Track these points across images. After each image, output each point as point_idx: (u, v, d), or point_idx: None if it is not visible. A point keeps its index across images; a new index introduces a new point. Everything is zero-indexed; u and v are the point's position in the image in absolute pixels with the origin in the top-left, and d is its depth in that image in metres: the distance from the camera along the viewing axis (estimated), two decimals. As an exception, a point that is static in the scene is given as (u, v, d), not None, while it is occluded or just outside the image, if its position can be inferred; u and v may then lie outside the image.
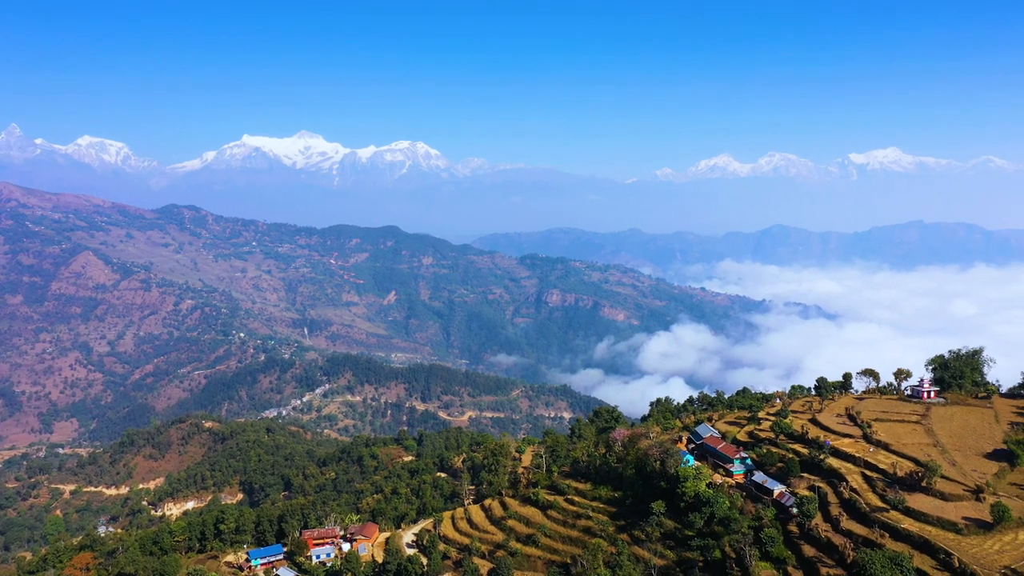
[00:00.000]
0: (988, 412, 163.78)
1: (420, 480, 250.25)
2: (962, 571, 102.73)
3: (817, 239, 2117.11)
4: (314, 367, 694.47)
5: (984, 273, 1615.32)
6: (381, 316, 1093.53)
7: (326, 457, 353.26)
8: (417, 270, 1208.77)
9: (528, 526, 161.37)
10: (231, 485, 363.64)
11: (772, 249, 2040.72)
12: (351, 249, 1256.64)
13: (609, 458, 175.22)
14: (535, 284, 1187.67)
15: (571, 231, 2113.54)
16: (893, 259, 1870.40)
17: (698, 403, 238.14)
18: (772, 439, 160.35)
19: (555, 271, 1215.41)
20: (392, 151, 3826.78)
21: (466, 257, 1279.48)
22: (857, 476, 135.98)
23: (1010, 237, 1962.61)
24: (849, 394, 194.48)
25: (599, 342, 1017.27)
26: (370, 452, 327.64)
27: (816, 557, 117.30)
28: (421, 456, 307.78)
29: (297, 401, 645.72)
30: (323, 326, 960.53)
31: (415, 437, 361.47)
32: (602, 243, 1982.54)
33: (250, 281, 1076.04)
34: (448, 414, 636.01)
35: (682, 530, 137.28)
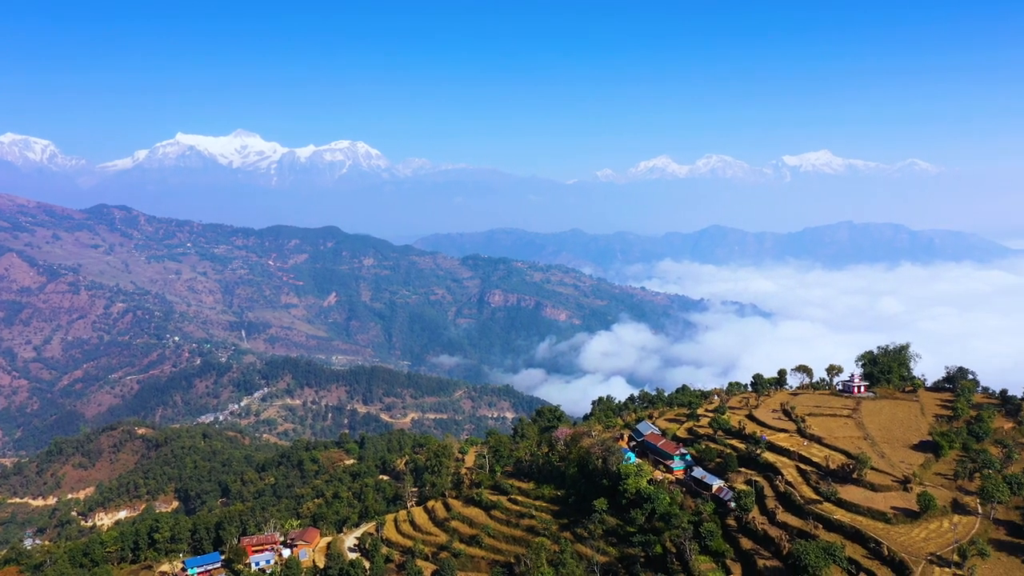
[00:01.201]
0: (915, 405, 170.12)
1: (362, 483, 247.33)
2: (891, 559, 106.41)
3: (753, 239, 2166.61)
4: (252, 370, 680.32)
5: (910, 272, 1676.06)
6: (321, 318, 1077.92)
7: (265, 462, 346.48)
8: (358, 271, 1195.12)
9: (472, 527, 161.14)
10: (166, 493, 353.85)
11: (710, 249, 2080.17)
12: (290, 250, 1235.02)
13: (552, 457, 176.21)
14: (477, 284, 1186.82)
15: (513, 231, 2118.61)
16: (825, 258, 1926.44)
17: (639, 401, 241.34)
18: (711, 435, 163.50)
19: (497, 271, 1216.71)
20: (332, 151, 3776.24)
21: (408, 258, 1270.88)
22: (792, 469, 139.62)
23: (934, 237, 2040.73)
24: (784, 390, 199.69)
25: (541, 342, 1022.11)
26: (311, 456, 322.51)
27: (753, 549, 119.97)
28: (363, 459, 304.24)
29: (235, 406, 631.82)
30: (261, 328, 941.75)
31: (356, 440, 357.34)
32: (544, 243, 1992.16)
33: (185, 283, 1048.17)
34: (390, 416, 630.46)
35: (624, 526, 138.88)
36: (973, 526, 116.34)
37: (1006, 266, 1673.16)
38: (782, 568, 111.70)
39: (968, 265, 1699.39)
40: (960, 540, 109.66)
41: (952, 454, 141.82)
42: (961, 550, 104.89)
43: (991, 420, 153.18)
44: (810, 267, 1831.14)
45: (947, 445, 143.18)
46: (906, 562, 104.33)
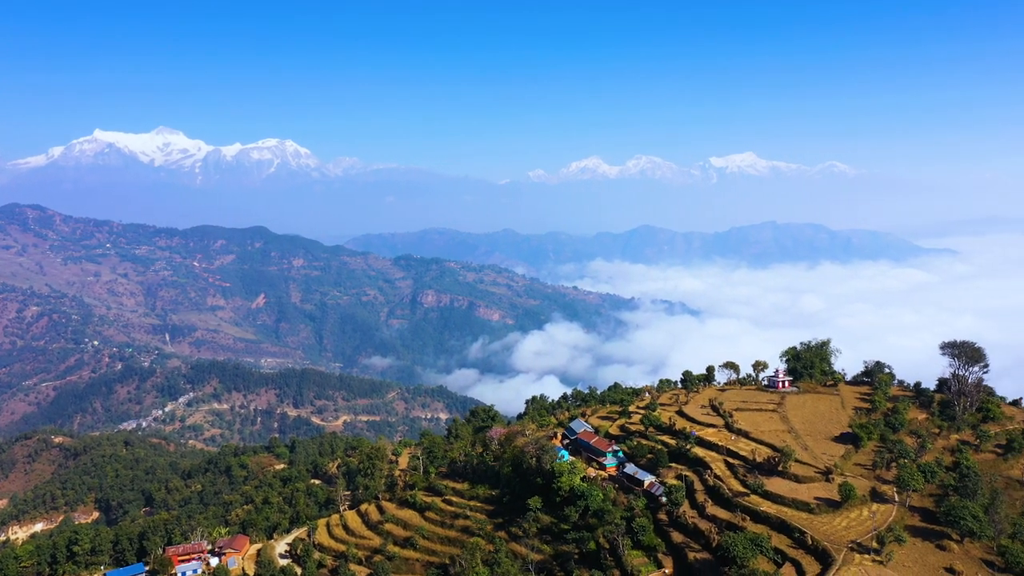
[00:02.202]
0: (835, 399, 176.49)
1: (293, 488, 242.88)
2: (815, 548, 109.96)
3: (681, 239, 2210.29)
4: (177, 375, 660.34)
5: (830, 270, 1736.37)
6: (249, 320, 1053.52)
7: (191, 469, 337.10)
8: (287, 272, 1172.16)
9: (406, 529, 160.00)
10: (85, 504, 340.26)
11: (640, 249, 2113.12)
12: (216, 251, 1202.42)
13: (486, 457, 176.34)
14: (410, 285, 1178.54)
15: (446, 232, 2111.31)
16: (750, 257, 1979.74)
17: (572, 399, 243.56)
18: (642, 432, 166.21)
19: (430, 272, 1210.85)
20: (259, 149, 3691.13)
21: (339, 258, 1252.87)
22: (720, 463, 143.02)
23: (852, 236, 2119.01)
24: (712, 386, 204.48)
25: (475, 342, 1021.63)
26: (239, 462, 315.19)
27: (684, 543, 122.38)
28: (294, 463, 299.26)
29: (158, 412, 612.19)
30: (186, 332, 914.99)
31: (287, 444, 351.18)
32: (477, 243, 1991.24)
33: (104, 286, 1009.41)
34: (322, 419, 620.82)
35: (558, 524, 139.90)
36: (890, 514, 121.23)
37: (919, 264, 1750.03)
38: (712, 560, 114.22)
39: (884, 264, 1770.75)
40: (878, 527, 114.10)
41: (871, 445, 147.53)
42: (879, 537, 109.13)
43: (906, 412, 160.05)
44: (736, 266, 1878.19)
45: (866, 436, 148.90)
46: (828, 550, 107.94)
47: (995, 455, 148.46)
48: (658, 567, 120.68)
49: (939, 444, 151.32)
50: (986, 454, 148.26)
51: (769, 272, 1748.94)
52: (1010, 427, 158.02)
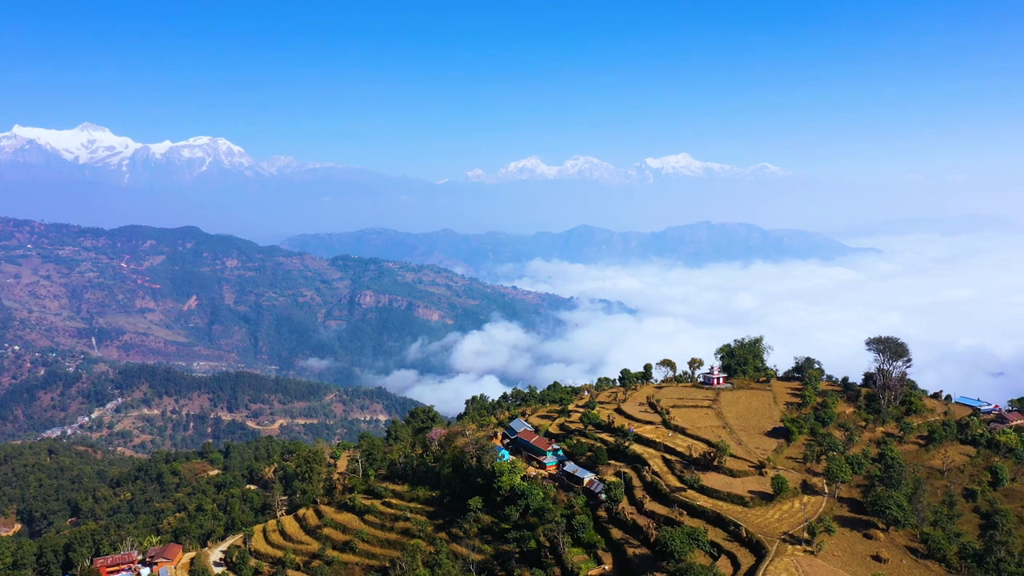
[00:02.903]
0: (768, 394, 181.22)
1: (228, 494, 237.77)
2: (749, 540, 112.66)
3: (619, 238, 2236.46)
4: (104, 380, 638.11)
5: (762, 269, 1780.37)
6: (181, 323, 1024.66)
7: (120, 477, 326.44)
8: (220, 273, 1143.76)
9: (345, 533, 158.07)
10: (6, 516, 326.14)
11: (578, 248, 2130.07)
12: (145, 251, 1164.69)
13: (426, 458, 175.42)
14: (348, 286, 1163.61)
15: (384, 231, 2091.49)
16: (686, 257, 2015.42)
17: (512, 399, 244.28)
18: (582, 430, 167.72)
19: (368, 272, 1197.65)
20: (190, 147, 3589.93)
21: (274, 259, 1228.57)
22: (658, 460, 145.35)
23: (783, 236, 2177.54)
24: (650, 383, 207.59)
25: (414, 342, 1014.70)
26: (171, 468, 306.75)
27: (623, 539, 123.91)
28: (228, 469, 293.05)
29: (85, 418, 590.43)
30: (114, 335, 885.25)
31: (221, 449, 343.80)
32: (415, 243, 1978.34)
33: (25, 288, 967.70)
34: (257, 423, 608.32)
35: (499, 524, 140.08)
36: (821, 505, 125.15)
37: (846, 263, 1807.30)
38: (650, 555, 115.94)
39: (814, 262, 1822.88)
40: (809, 519, 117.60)
41: (801, 438, 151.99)
42: (810, 528, 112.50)
43: (835, 406, 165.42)
44: (672, 265, 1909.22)
45: (797, 430, 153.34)
46: (762, 542, 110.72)
47: (918, 446, 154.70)
48: (598, 563, 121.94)
49: (866, 436, 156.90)
50: (909, 445, 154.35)
51: (704, 271, 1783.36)
52: (931, 419, 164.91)
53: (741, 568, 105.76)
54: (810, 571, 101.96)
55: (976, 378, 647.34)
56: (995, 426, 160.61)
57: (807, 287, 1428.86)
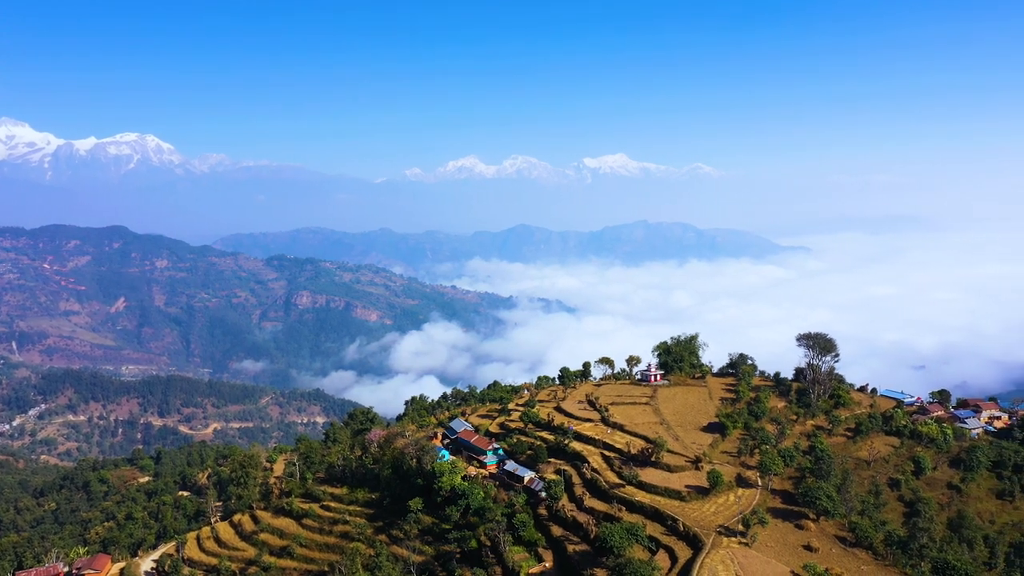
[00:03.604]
0: (703, 390, 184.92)
1: (159, 501, 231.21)
2: (686, 534, 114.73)
3: (557, 238, 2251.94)
4: (26, 386, 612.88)
5: (697, 267, 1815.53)
6: (108, 325, 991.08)
7: (44, 486, 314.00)
8: (150, 274, 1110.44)
9: (282, 538, 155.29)
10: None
11: (517, 247, 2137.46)
12: (69, 252, 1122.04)
13: (366, 460, 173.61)
14: (284, 286, 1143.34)
15: (320, 231, 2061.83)
16: (623, 256, 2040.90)
17: (452, 399, 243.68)
18: (522, 428, 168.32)
19: (305, 272, 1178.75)
20: (117, 144, 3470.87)
21: (207, 259, 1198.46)
22: (597, 457, 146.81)
23: (717, 235, 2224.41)
24: (589, 381, 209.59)
25: (352, 343, 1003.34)
26: (99, 476, 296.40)
27: (564, 536, 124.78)
28: (160, 475, 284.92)
29: (5, 426, 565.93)
30: (36, 339, 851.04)
31: (152, 455, 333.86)
32: (353, 243, 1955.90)
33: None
34: (190, 428, 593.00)
35: (439, 524, 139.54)
36: (754, 497, 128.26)
37: (777, 261, 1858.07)
38: (590, 551, 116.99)
39: (746, 261, 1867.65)
40: (744, 511, 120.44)
41: (736, 433, 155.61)
42: (745, 520, 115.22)
43: (767, 400, 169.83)
44: (610, 264, 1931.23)
45: (731, 425, 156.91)
46: (699, 535, 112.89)
47: (846, 438, 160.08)
48: (538, 561, 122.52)
49: (797, 430, 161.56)
50: (838, 437, 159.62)
51: (641, 270, 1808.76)
52: (858, 412, 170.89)
53: (679, 561, 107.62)
54: (745, 562, 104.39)
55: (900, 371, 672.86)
56: (917, 417, 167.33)
57: (740, 285, 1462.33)
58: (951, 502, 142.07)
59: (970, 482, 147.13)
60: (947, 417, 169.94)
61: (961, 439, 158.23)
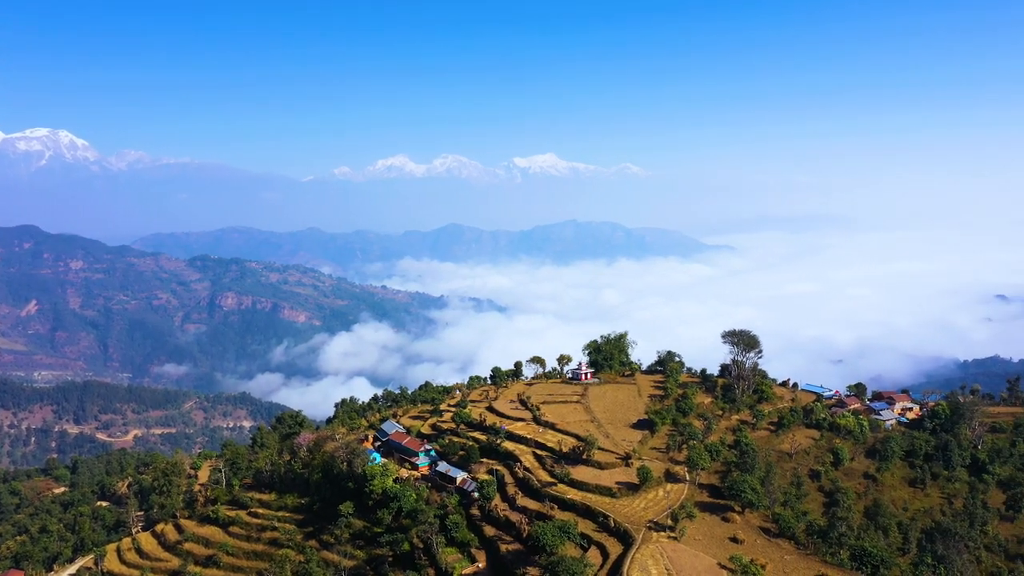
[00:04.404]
0: (633, 388, 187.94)
1: (76, 513, 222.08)
2: (617, 530, 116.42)
3: (488, 237, 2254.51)
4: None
5: (626, 266, 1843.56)
6: (19, 329, 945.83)
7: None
8: (64, 275, 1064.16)
9: (208, 547, 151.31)
10: None
11: (448, 247, 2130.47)
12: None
13: (295, 464, 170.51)
14: (207, 287, 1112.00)
15: (246, 230, 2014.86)
16: (553, 255, 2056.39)
17: (383, 400, 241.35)
18: (454, 429, 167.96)
19: (230, 273, 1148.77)
20: (27, 139, 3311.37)
21: (125, 259, 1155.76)
22: (529, 456, 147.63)
23: (645, 234, 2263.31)
24: (521, 381, 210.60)
25: (279, 345, 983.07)
26: (10, 488, 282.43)
27: (496, 536, 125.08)
28: (76, 486, 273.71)
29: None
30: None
31: (68, 465, 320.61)
32: (280, 242, 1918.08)
33: None
34: (109, 435, 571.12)
35: (371, 528, 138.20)
36: (683, 492, 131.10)
37: (703, 259, 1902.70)
38: (523, 550, 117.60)
39: (673, 259, 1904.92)
40: (673, 506, 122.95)
41: (664, 429, 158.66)
42: (673, 515, 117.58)
43: (694, 397, 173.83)
44: (541, 263, 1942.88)
45: (660, 421, 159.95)
46: (629, 531, 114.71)
47: (769, 432, 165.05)
48: (471, 562, 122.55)
49: (722, 425, 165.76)
50: (761, 431, 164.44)
51: (571, 268, 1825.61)
52: (780, 406, 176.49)
53: (610, 557, 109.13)
54: (674, 556, 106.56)
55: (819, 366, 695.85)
56: (836, 410, 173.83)
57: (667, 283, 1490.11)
58: (867, 491, 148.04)
59: (885, 471, 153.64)
60: (863, 409, 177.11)
61: (876, 430, 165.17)
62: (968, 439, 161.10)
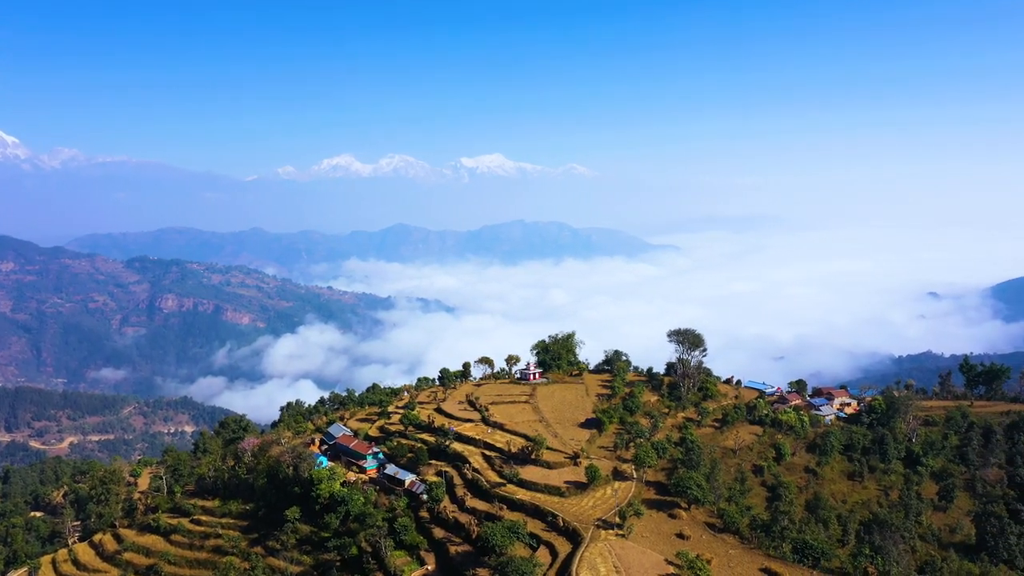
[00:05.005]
0: (580, 387, 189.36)
1: (8, 524, 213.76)
2: (566, 529, 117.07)
3: (436, 237, 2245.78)
4: None
5: (573, 266, 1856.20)
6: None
7: None
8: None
9: (149, 556, 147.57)
10: None
11: (395, 247, 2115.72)
12: None
13: (239, 470, 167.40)
14: (147, 289, 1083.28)
15: (187, 231, 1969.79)
16: (501, 255, 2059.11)
17: (330, 403, 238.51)
18: (402, 431, 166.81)
19: (170, 274, 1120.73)
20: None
21: (59, 261, 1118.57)
22: (478, 457, 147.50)
23: (592, 234, 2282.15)
24: (469, 381, 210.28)
25: (222, 348, 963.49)
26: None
27: (446, 537, 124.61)
28: (8, 496, 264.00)
29: None
30: None
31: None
32: (222, 243, 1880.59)
33: None
34: (43, 443, 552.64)
35: (318, 532, 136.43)
36: (630, 490, 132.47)
37: (648, 259, 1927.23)
38: (472, 551, 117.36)
39: (619, 259, 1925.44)
40: (620, 504, 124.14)
41: (612, 428, 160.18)
42: (621, 512, 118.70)
43: (641, 395, 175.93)
44: (489, 263, 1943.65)
45: (607, 420, 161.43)
46: (578, 530, 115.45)
47: (714, 429, 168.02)
48: (421, 564, 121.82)
49: (669, 422, 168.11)
50: (706, 428, 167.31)
51: (519, 268, 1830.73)
52: (725, 403, 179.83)
53: (559, 556, 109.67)
54: (622, 554, 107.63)
55: (761, 363, 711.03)
56: (778, 406, 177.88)
57: (614, 283, 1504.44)
58: (808, 485, 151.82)
59: (825, 465, 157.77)
60: (804, 405, 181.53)
61: (816, 425, 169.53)
62: (903, 432, 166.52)
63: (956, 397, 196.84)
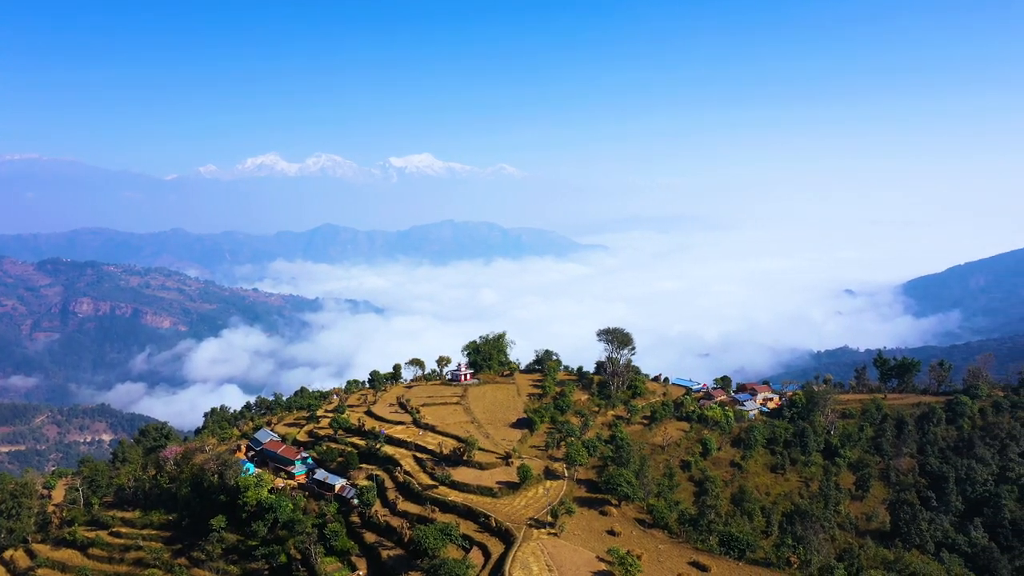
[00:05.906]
0: (512, 387, 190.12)
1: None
2: (499, 529, 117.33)
3: (364, 237, 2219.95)
4: None
5: (503, 266, 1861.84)
6: None
7: None
8: None
9: (64, 572, 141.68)
10: None
11: (323, 248, 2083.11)
12: None
13: (161, 479, 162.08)
14: (60, 293, 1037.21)
15: (102, 231, 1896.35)
16: (431, 255, 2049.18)
17: (256, 408, 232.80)
18: (332, 435, 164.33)
19: (84, 277, 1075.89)
20: None
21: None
22: (410, 459, 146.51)
23: (522, 234, 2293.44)
24: (400, 383, 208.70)
25: (141, 352, 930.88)
26: None
27: (377, 542, 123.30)
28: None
29: None
30: None
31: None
32: (141, 244, 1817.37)
33: None
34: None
35: (246, 541, 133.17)
36: (562, 489, 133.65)
37: (578, 259, 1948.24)
38: (405, 555, 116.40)
39: (549, 259, 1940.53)
40: (552, 503, 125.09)
41: (543, 427, 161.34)
42: (553, 511, 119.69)
43: (572, 394, 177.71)
44: (419, 263, 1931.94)
45: (539, 420, 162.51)
46: (511, 530, 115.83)
47: (643, 426, 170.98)
48: (352, 570, 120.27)
49: (599, 421, 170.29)
50: (635, 425, 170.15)
51: (449, 268, 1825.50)
52: (653, 400, 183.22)
53: (492, 557, 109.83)
54: (554, 552, 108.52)
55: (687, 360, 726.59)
56: (704, 402, 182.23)
57: (544, 282, 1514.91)
58: (734, 479, 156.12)
59: (749, 459, 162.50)
60: (729, 401, 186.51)
61: (741, 420, 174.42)
62: (822, 425, 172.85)
63: (871, 390, 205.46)
